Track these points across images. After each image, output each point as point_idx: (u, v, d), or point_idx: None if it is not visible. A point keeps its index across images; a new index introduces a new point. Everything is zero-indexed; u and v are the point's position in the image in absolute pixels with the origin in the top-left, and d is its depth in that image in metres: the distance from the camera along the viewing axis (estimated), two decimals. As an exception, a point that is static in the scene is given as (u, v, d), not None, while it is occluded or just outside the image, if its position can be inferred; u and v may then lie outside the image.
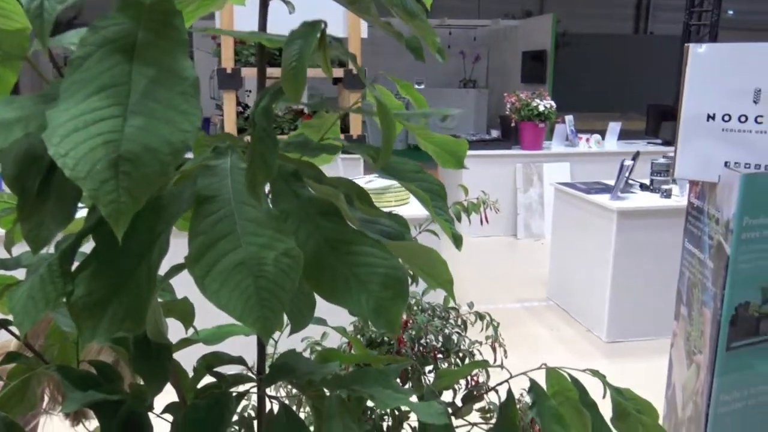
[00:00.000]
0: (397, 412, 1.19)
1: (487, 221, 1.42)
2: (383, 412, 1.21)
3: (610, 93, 13.23)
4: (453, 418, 1.24)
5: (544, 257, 4.83)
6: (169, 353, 0.81)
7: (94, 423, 1.26)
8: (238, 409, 0.92)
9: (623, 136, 6.54)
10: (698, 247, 1.59)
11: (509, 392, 1.14)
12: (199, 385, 0.95)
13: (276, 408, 0.88)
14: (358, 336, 1.28)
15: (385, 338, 1.27)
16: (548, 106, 5.79)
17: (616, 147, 6.23)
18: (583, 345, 3.74)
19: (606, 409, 1.13)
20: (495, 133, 6.46)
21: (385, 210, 0.87)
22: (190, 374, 0.98)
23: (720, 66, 1.46)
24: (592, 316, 3.91)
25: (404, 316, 1.21)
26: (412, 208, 3.45)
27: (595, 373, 1.14)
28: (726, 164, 1.47)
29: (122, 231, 0.49)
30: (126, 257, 0.60)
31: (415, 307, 1.24)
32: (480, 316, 1.33)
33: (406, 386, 1.20)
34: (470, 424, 1.15)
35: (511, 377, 1.14)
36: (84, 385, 0.80)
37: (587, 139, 6.21)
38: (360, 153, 0.80)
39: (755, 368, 1.52)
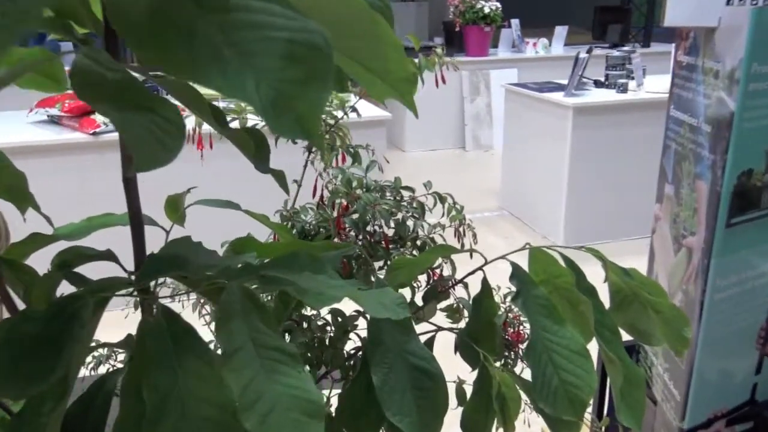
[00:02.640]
0: (340, 318, 0.92)
1: (443, 81, 1.12)
2: (320, 317, 0.93)
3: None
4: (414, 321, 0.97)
5: (494, 168, 4.61)
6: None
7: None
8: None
9: (568, 41, 6.27)
10: (689, 112, 1.35)
11: (484, 282, 0.88)
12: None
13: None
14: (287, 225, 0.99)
15: (321, 228, 0.98)
16: (494, 7, 5.44)
17: (563, 52, 5.97)
18: (539, 252, 3.58)
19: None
20: (438, 41, 6.09)
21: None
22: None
23: None
24: (547, 222, 3.74)
25: (344, 201, 0.93)
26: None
27: (591, 251, 0.89)
28: (728, 1, 1.22)
29: None
30: None
31: (357, 185, 0.95)
32: (440, 198, 1.06)
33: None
34: (436, 328, 0.89)
35: (486, 263, 0.88)
36: None
37: (534, 44, 5.92)
38: None
39: (756, 247, 1.32)
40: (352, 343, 0.98)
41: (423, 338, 0.91)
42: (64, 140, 2.65)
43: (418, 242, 0.99)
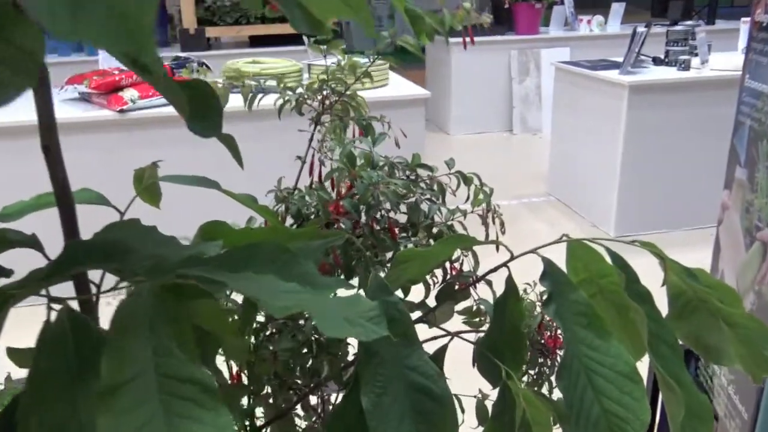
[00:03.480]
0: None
1: (472, 42, 0.95)
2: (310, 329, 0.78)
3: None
4: (426, 325, 0.81)
5: (542, 151, 4.37)
6: None
7: None
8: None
9: (626, 20, 5.91)
10: (769, 81, 1.14)
11: (509, 281, 0.71)
12: None
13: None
14: (277, 210, 0.84)
15: (321, 212, 0.83)
16: (546, -17, 5.16)
17: (619, 30, 5.63)
18: (588, 241, 3.35)
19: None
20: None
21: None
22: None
23: None
24: (597, 210, 3.50)
25: (346, 180, 0.77)
26: (393, 90, 2.96)
27: (647, 245, 0.71)
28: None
29: None
30: None
31: (364, 162, 0.79)
32: (464, 179, 0.89)
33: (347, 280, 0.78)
34: (448, 334, 0.73)
35: (512, 258, 0.71)
36: None
37: (588, 22, 5.60)
38: None
39: None
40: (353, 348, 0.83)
41: (434, 346, 0.76)
42: (91, 117, 2.58)
43: (435, 230, 0.83)
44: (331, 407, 0.84)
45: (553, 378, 0.98)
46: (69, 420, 0.40)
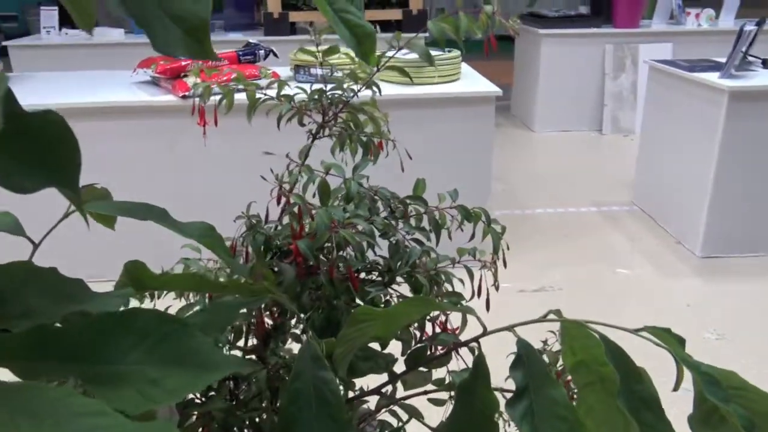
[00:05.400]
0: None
1: (494, 48, 0.81)
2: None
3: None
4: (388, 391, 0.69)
5: (632, 155, 4.05)
6: None
7: None
8: None
9: (741, 15, 5.39)
10: None
11: (478, 363, 0.58)
12: None
13: None
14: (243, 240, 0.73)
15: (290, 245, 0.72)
16: (651, -28, 4.77)
17: (732, 25, 5.13)
18: (670, 259, 3.06)
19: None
20: (583, 9, 5.49)
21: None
22: None
23: None
24: (684, 225, 3.19)
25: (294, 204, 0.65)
26: (463, 85, 2.80)
27: (665, 338, 0.55)
28: None
29: None
30: None
31: (326, 197, 0.67)
32: (467, 215, 0.75)
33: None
34: (394, 404, 0.60)
35: (485, 333, 0.57)
36: None
37: (697, 15, 5.14)
38: None
39: None
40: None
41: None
42: (155, 102, 2.60)
43: (418, 277, 0.70)
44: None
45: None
46: None
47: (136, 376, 0.43)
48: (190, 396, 0.68)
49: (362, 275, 0.73)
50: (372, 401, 0.83)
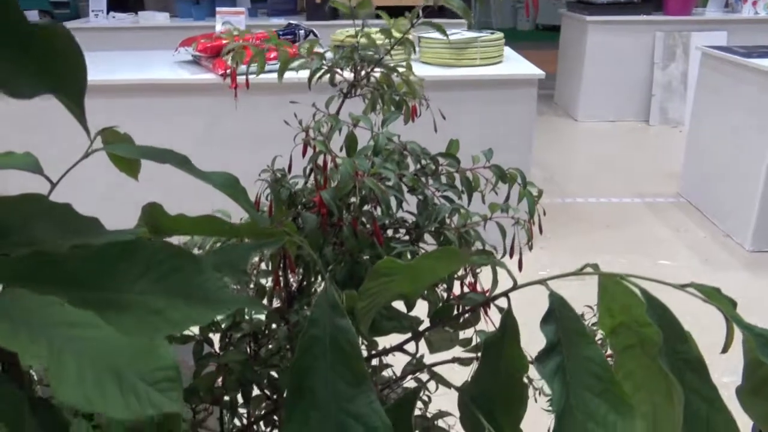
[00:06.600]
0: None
1: (536, 7, 0.75)
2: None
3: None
4: (408, 350, 0.66)
5: (679, 148, 3.91)
6: None
7: None
8: None
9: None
10: None
11: (507, 317, 0.54)
12: None
13: None
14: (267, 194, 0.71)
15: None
16: (706, -43, 4.59)
17: (793, 13, 4.91)
18: (717, 253, 2.94)
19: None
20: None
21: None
22: None
23: None
24: (734, 219, 3.07)
25: (314, 147, 0.62)
26: (505, 68, 2.73)
27: (714, 295, 0.50)
28: None
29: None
30: None
31: (357, 151, 0.64)
32: (502, 175, 0.71)
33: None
34: (420, 370, 0.57)
35: (515, 287, 0.53)
36: None
37: (754, 2, 4.93)
38: None
39: None
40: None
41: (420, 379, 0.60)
42: (195, 80, 2.61)
43: (446, 234, 0.66)
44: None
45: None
46: None
47: (138, 306, 0.40)
48: (208, 349, 0.67)
49: (389, 233, 0.70)
50: (397, 368, 0.80)
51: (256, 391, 0.77)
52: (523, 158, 2.71)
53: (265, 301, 0.77)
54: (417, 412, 0.79)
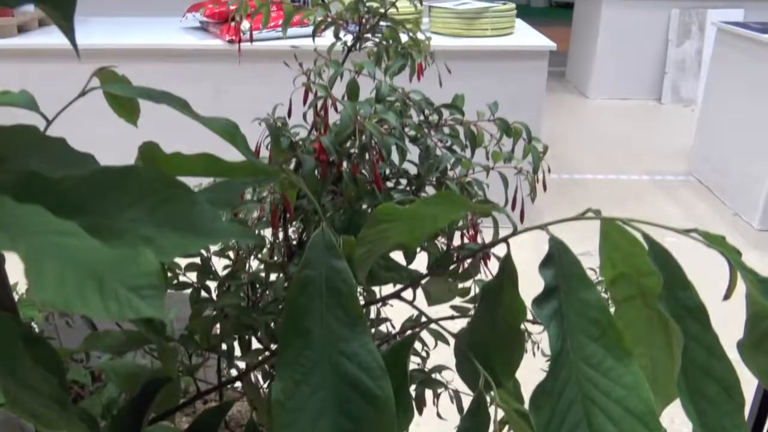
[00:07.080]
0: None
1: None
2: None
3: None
4: (406, 298, 0.65)
5: (691, 126, 3.87)
6: None
7: None
8: None
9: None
10: None
11: (506, 262, 0.53)
12: None
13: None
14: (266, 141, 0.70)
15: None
16: (725, -69, 4.48)
17: (814, -9, 4.81)
18: (726, 231, 2.92)
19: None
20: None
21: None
22: None
23: None
24: (743, 197, 3.04)
25: (317, 92, 0.61)
26: (516, 39, 2.70)
27: (717, 240, 0.50)
28: None
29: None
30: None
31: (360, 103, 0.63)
32: (507, 129, 0.70)
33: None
34: (425, 322, 0.56)
35: (515, 233, 0.53)
36: None
37: (773, -20, 4.83)
38: None
39: None
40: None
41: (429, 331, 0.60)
42: (201, 46, 2.59)
43: (451, 183, 0.65)
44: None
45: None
46: None
47: (129, 232, 0.40)
48: (204, 295, 0.66)
49: (390, 184, 0.69)
50: (396, 326, 0.80)
51: (254, 345, 0.77)
52: (531, 130, 2.68)
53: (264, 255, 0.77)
54: (415, 367, 0.79)
